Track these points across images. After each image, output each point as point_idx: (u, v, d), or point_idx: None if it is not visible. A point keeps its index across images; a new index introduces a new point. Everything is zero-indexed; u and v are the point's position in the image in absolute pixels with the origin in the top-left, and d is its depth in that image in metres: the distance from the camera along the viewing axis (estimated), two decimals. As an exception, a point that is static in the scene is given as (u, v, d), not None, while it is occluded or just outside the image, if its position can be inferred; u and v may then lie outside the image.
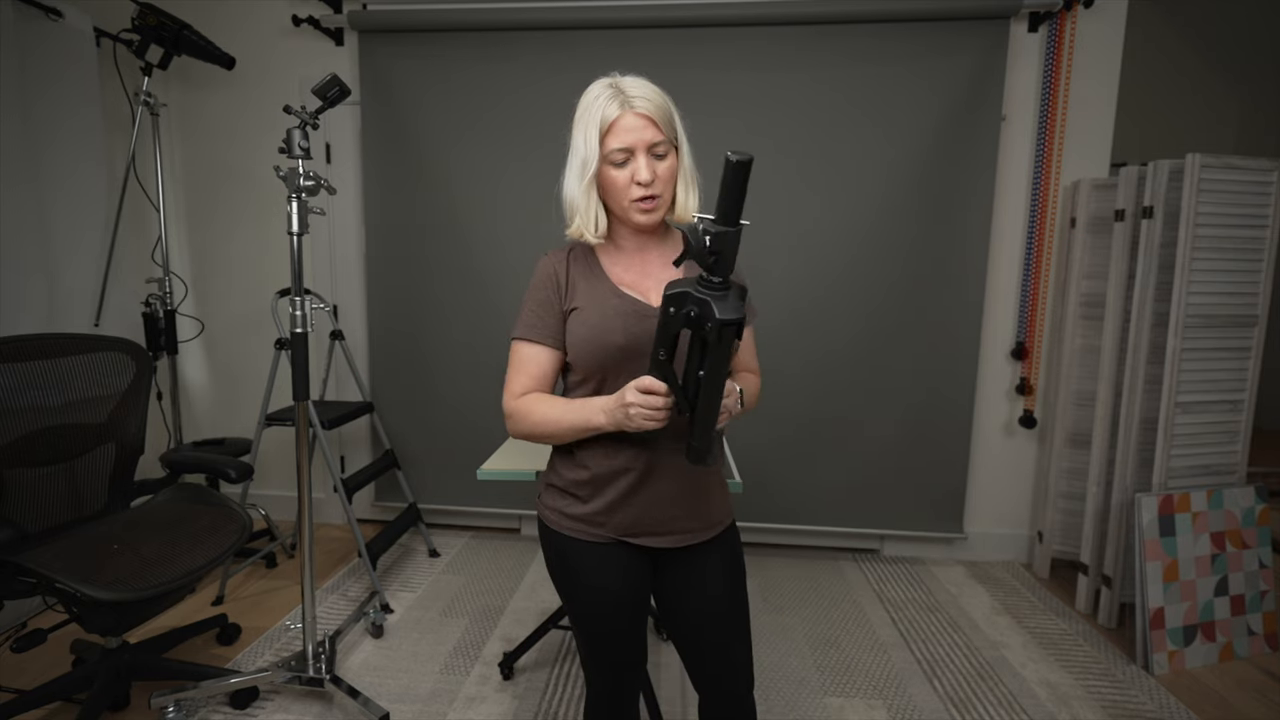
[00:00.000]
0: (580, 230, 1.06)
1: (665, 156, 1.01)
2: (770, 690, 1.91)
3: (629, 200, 1.01)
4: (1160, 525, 2.06)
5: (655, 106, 0.99)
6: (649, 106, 0.98)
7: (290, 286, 1.69)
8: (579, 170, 1.02)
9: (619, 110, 0.97)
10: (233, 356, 3.03)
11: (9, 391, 1.60)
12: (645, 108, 0.98)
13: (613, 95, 0.98)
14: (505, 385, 1.09)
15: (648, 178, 0.99)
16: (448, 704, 1.84)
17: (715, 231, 0.80)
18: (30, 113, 2.17)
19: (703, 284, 0.84)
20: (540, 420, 1.04)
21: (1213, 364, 2.14)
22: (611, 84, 1.00)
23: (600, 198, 1.05)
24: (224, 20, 2.77)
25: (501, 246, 2.71)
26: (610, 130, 0.98)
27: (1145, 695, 1.91)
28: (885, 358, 2.67)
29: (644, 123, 0.98)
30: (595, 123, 0.99)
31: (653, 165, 0.99)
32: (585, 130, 1.00)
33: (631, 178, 1.00)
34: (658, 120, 0.98)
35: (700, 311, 0.83)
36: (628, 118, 0.97)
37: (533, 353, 1.07)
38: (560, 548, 1.11)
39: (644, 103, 0.98)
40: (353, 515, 2.37)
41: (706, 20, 2.55)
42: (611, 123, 0.98)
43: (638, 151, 0.99)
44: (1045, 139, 2.57)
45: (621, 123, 0.97)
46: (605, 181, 1.02)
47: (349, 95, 1.76)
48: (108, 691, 1.69)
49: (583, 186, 1.03)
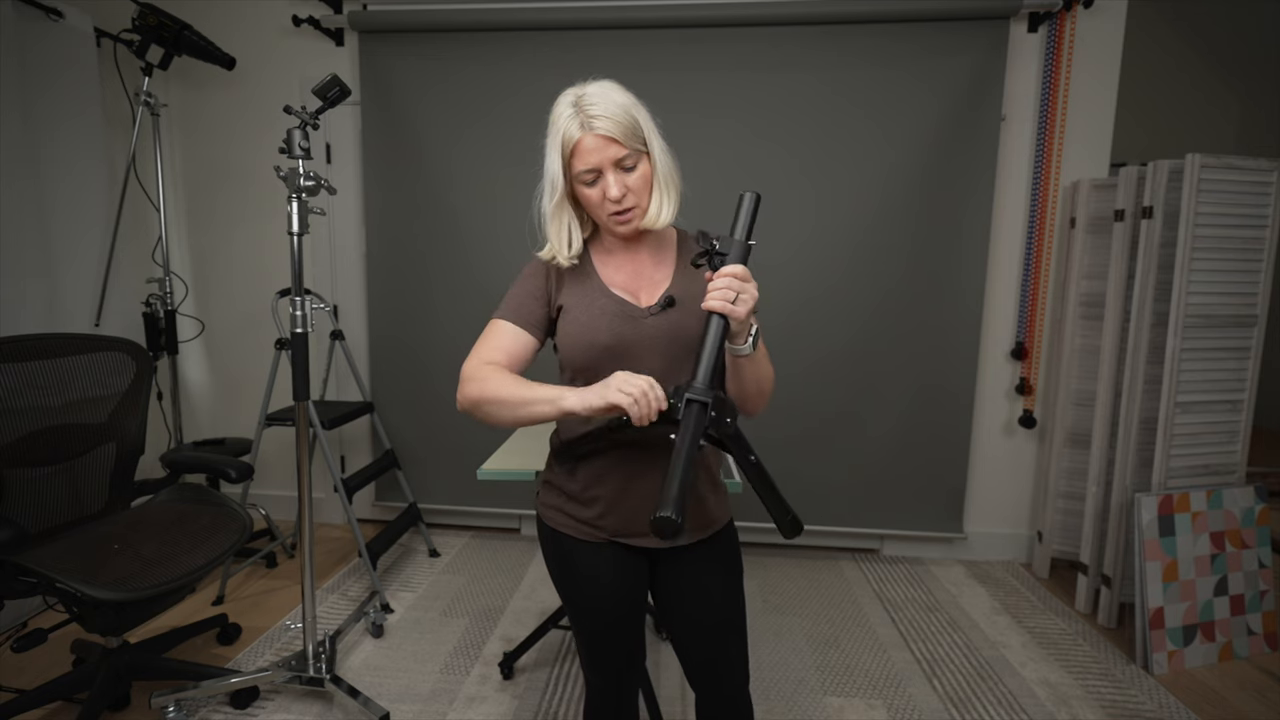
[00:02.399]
0: (552, 254, 1.06)
1: (634, 168, 1.00)
2: (770, 690, 1.91)
3: (605, 215, 1.02)
4: (1160, 525, 2.06)
5: (615, 123, 0.96)
6: (608, 125, 0.96)
7: (290, 286, 1.70)
8: (549, 190, 1.03)
9: (579, 132, 0.96)
10: (233, 356, 3.04)
11: (9, 391, 1.60)
12: (605, 128, 0.96)
13: (574, 115, 0.97)
14: (471, 352, 1.06)
15: (617, 194, 0.98)
16: (448, 704, 1.85)
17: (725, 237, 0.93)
18: (30, 113, 2.17)
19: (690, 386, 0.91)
20: (496, 387, 0.98)
21: (1212, 364, 2.14)
22: (575, 100, 0.98)
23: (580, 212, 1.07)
24: (224, 20, 2.77)
25: (501, 246, 2.71)
26: (574, 153, 0.98)
27: (1145, 695, 1.91)
28: (885, 357, 2.67)
29: (604, 142, 0.96)
30: (558, 145, 0.99)
31: (622, 180, 0.99)
32: (551, 151, 1.01)
33: (603, 194, 1.00)
34: (619, 136, 0.96)
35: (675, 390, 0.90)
36: (588, 139, 0.96)
37: (509, 330, 1.06)
38: (559, 546, 1.12)
39: (604, 122, 0.96)
40: (353, 515, 2.37)
41: (707, 20, 2.55)
42: (574, 145, 0.98)
43: (605, 169, 0.98)
44: (1045, 139, 2.57)
45: (583, 145, 0.97)
46: (581, 198, 1.03)
47: (349, 95, 1.76)
48: (108, 691, 1.69)
49: (552, 206, 1.04)
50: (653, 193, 1.03)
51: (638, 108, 1.01)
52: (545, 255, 1.08)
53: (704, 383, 0.89)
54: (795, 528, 0.99)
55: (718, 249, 0.92)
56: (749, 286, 0.91)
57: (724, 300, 0.89)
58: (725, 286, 0.89)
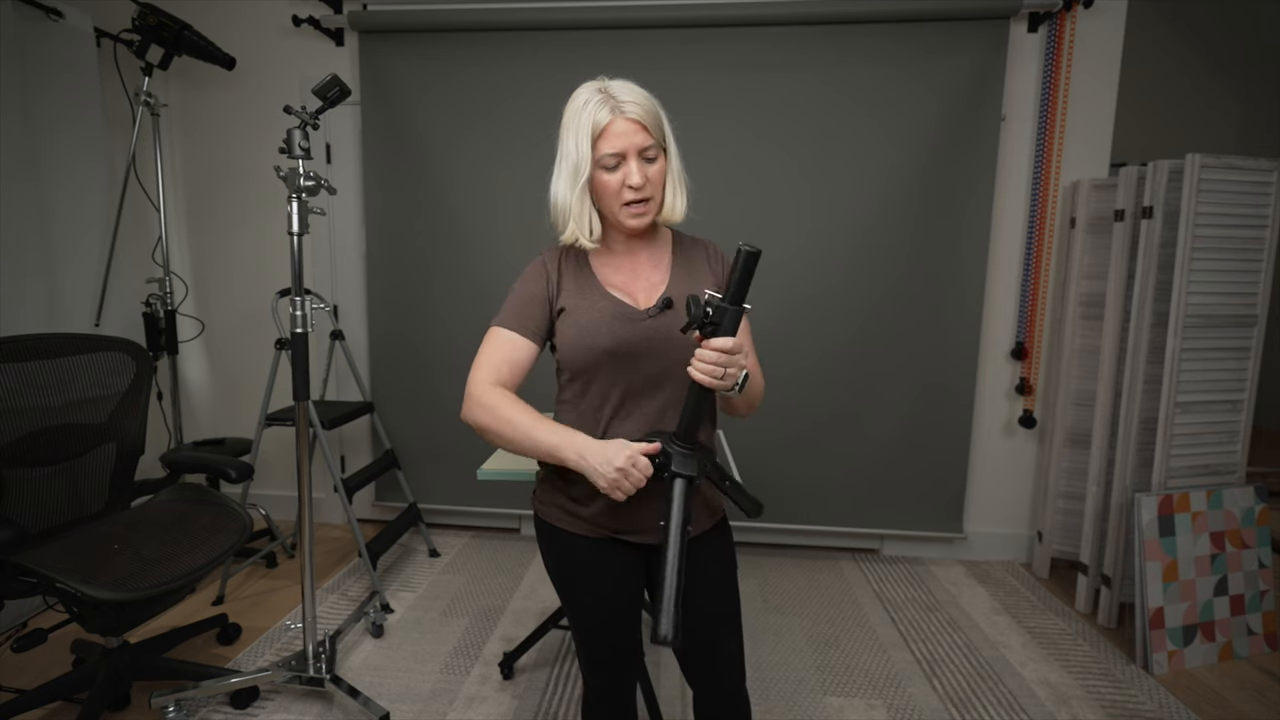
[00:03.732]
0: (574, 235, 1.06)
1: (655, 160, 1.02)
2: (770, 690, 1.91)
3: (620, 204, 1.02)
4: (1160, 525, 2.06)
5: (645, 111, 1.00)
6: (639, 111, 0.99)
7: (290, 286, 1.70)
8: (570, 176, 1.02)
9: (610, 115, 0.98)
10: (233, 356, 3.04)
11: (9, 391, 1.60)
12: (636, 112, 0.99)
13: (603, 100, 0.99)
14: (474, 365, 1.06)
15: (639, 181, 1.00)
16: (448, 704, 1.85)
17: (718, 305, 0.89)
18: (30, 113, 2.17)
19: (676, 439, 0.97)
20: (507, 420, 1.00)
21: (1212, 364, 2.14)
22: (600, 89, 1.01)
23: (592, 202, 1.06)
24: (224, 20, 2.77)
25: (501, 246, 2.72)
26: (602, 135, 0.99)
27: (1145, 695, 1.91)
28: (885, 357, 2.67)
29: (635, 127, 0.99)
30: (587, 128, 0.99)
31: (644, 169, 1.01)
32: (576, 136, 1.00)
33: (623, 182, 1.01)
34: (648, 124, 1.00)
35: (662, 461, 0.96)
36: (619, 123, 0.98)
37: (510, 339, 1.07)
38: (555, 542, 1.13)
39: (634, 107, 0.99)
40: (353, 515, 2.37)
41: (707, 20, 2.55)
42: (604, 128, 0.99)
43: (629, 156, 1.00)
44: (1045, 139, 2.57)
45: (613, 128, 0.98)
46: (597, 186, 1.03)
47: (349, 95, 1.76)
48: (108, 691, 1.69)
49: (576, 192, 1.03)
50: (666, 188, 1.05)
51: (659, 105, 1.04)
52: (566, 238, 1.07)
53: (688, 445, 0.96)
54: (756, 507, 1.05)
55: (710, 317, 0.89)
56: (737, 358, 0.92)
57: (710, 376, 0.92)
58: (713, 362, 0.91)
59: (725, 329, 0.90)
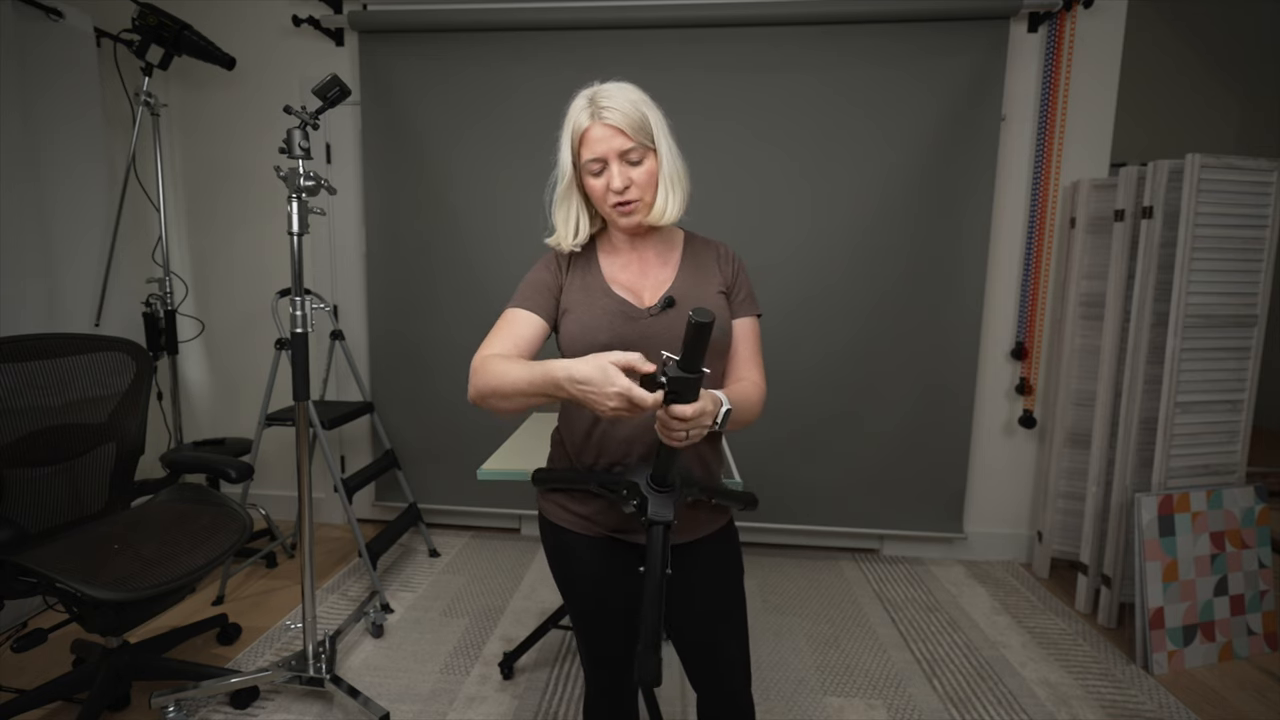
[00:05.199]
0: (558, 240, 1.09)
1: (641, 162, 1.02)
2: (770, 690, 1.92)
3: (608, 206, 1.05)
4: (1160, 525, 2.06)
5: (624, 115, 1.00)
6: (617, 116, 1.00)
7: (290, 286, 1.70)
8: (558, 181, 1.07)
9: (589, 121, 1.01)
10: (233, 356, 3.04)
11: (9, 391, 1.60)
12: (613, 118, 1.00)
13: (585, 105, 1.02)
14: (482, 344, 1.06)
15: (619, 185, 1.02)
16: (448, 704, 1.85)
17: (674, 375, 0.86)
18: (30, 113, 2.17)
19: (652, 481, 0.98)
20: (498, 372, 0.97)
21: (1212, 364, 2.14)
22: (590, 94, 1.03)
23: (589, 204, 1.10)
24: (224, 20, 2.77)
25: (501, 246, 2.72)
26: (583, 141, 1.02)
27: (1145, 695, 1.91)
28: (885, 357, 2.67)
29: (611, 132, 1.00)
30: (569, 134, 1.03)
31: (626, 172, 1.02)
32: (564, 141, 1.05)
33: (607, 185, 1.03)
34: (626, 128, 1.00)
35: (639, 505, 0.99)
36: (597, 128, 1.00)
37: (520, 316, 1.08)
38: (559, 540, 1.13)
39: (613, 112, 1.00)
40: (353, 515, 2.37)
41: (707, 20, 2.55)
42: (583, 134, 1.02)
43: (610, 160, 1.01)
44: (1045, 139, 2.57)
45: (591, 133, 1.01)
46: (587, 189, 1.06)
47: (349, 95, 1.76)
48: (108, 691, 1.69)
49: (560, 194, 1.07)
50: (658, 189, 1.05)
51: (649, 106, 1.04)
52: (552, 242, 1.11)
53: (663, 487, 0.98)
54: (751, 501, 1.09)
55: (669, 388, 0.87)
56: (702, 420, 0.91)
57: (677, 441, 0.91)
58: (676, 429, 0.90)
59: (686, 397, 0.88)
